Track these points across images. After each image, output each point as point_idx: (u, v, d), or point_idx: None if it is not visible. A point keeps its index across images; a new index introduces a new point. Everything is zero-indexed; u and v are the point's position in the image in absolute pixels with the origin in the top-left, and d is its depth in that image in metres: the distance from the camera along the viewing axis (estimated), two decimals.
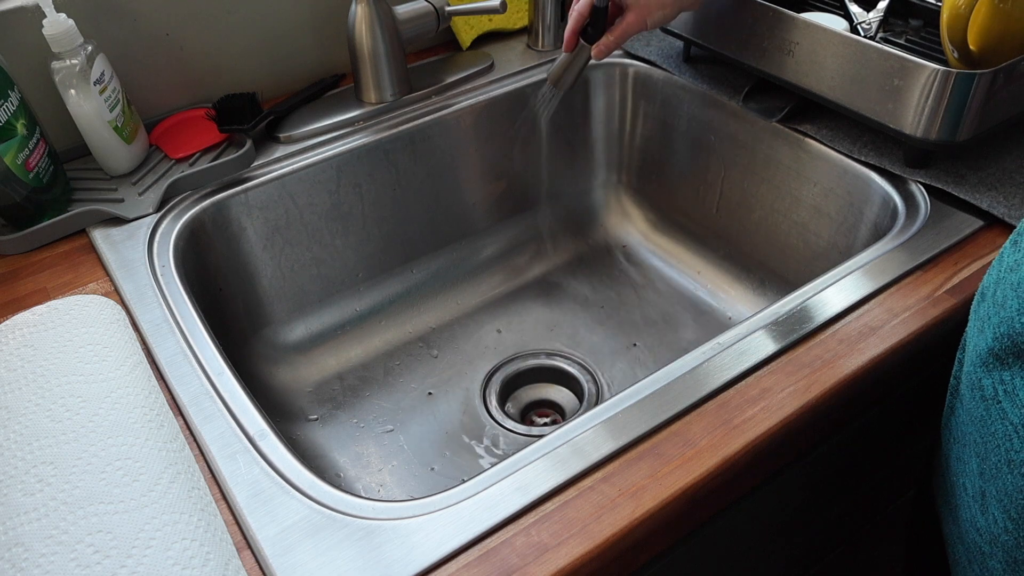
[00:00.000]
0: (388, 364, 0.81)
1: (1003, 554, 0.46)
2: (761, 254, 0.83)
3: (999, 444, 0.45)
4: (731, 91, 0.79)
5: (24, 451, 0.46)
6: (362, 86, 0.80)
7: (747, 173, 0.81)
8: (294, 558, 0.43)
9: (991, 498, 0.46)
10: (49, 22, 0.64)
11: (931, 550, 0.60)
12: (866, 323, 0.55)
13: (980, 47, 0.63)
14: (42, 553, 0.41)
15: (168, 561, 0.41)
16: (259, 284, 0.77)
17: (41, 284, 0.63)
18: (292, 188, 0.75)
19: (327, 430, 0.75)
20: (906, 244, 0.61)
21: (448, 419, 0.76)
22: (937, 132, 0.64)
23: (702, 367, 0.53)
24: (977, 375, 0.47)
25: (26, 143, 0.64)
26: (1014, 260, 0.45)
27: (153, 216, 0.68)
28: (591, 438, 0.49)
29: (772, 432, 0.49)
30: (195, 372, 0.54)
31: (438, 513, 0.45)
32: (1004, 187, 0.65)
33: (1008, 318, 0.43)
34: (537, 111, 0.84)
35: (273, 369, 0.78)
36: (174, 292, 0.61)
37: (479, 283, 0.89)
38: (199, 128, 0.76)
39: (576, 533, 0.44)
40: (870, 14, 0.77)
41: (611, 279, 0.90)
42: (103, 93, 0.67)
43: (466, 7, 0.81)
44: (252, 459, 0.49)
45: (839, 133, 0.73)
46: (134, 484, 0.44)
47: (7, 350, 0.53)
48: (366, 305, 0.84)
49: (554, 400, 0.81)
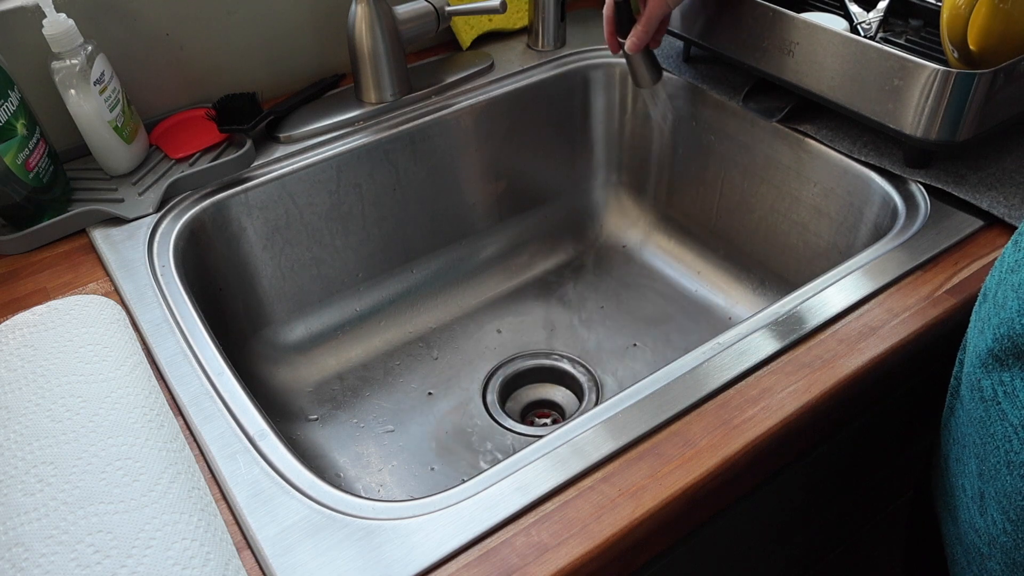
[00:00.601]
0: (388, 364, 0.81)
1: (1002, 555, 0.46)
2: (761, 254, 0.83)
3: (998, 445, 0.45)
4: (731, 91, 0.79)
5: (24, 451, 0.46)
6: (362, 86, 0.80)
7: (747, 173, 0.81)
8: (294, 558, 0.43)
9: (990, 499, 0.46)
10: (49, 22, 0.64)
11: (930, 551, 0.60)
12: (866, 323, 0.55)
13: (980, 47, 0.63)
14: (42, 553, 0.41)
15: (168, 561, 0.41)
16: (259, 284, 0.77)
17: (41, 284, 0.63)
18: (292, 188, 0.75)
19: (327, 430, 0.75)
20: (906, 244, 0.61)
21: (448, 419, 0.76)
22: (937, 132, 0.64)
23: (702, 367, 0.53)
24: (977, 376, 0.47)
25: (26, 143, 0.64)
26: (1015, 261, 0.45)
27: (153, 216, 0.68)
28: (591, 438, 0.49)
29: (772, 432, 0.49)
30: (195, 372, 0.54)
31: (438, 513, 0.45)
32: (1004, 187, 0.65)
33: (1008, 319, 0.43)
34: (658, 117, 0.84)
35: (273, 369, 0.78)
36: (174, 292, 0.61)
37: (479, 283, 0.89)
38: (199, 128, 0.76)
39: (576, 533, 0.44)
40: (870, 14, 0.77)
41: (611, 279, 0.90)
42: (103, 93, 0.67)
43: (466, 7, 0.81)
44: (252, 459, 0.49)
45: (839, 133, 0.73)
46: (134, 484, 0.44)
47: (7, 350, 0.53)
48: (366, 305, 0.84)
49: (554, 400, 0.81)
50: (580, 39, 0.90)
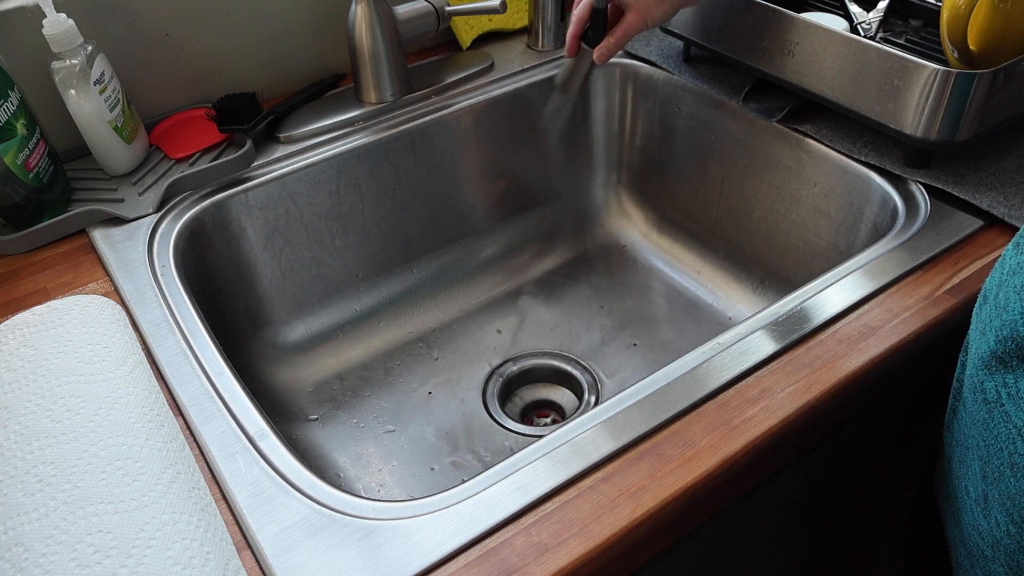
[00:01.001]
0: (388, 364, 0.81)
1: (1005, 557, 0.46)
2: (761, 254, 0.83)
3: (1002, 447, 0.45)
4: (731, 91, 0.79)
5: (24, 451, 0.46)
6: (362, 86, 0.80)
7: (747, 173, 0.81)
8: (294, 558, 0.43)
9: (993, 501, 0.46)
10: (49, 22, 0.64)
11: (932, 552, 0.60)
12: (866, 323, 0.55)
13: (980, 47, 0.63)
14: (42, 553, 0.41)
15: (168, 561, 0.41)
16: (259, 284, 0.77)
17: (41, 284, 0.63)
18: (292, 188, 0.75)
19: (327, 430, 0.75)
20: (906, 244, 0.61)
21: (448, 419, 0.76)
22: (937, 132, 0.64)
23: (702, 367, 0.53)
24: (979, 378, 0.47)
25: (26, 143, 0.64)
26: (1016, 263, 0.45)
27: (153, 216, 0.68)
28: (591, 438, 0.49)
29: (772, 432, 0.49)
30: (195, 372, 0.54)
31: (438, 513, 0.45)
32: (1004, 187, 0.65)
33: (1011, 321, 0.43)
34: (547, 119, 0.84)
35: (273, 369, 0.78)
36: (174, 292, 0.61)
37: (479, 283, 0.89)
38: (199, 128, 0.76)
39: (576, 533, 0.44)
40: (870, 14, 0.77)
41: (611, 279, 0.90)
42: (103, 93, 0.67)
43: (466, 7, 0.81)
44: (252, 459, 0.49)
45: (839, 133, 0.73)
46: (134, 484, 0.44)
47: (7, 350, 0.53)
48: (366, 305, 0.84)
49: (554, 400, 0.81)
50: None
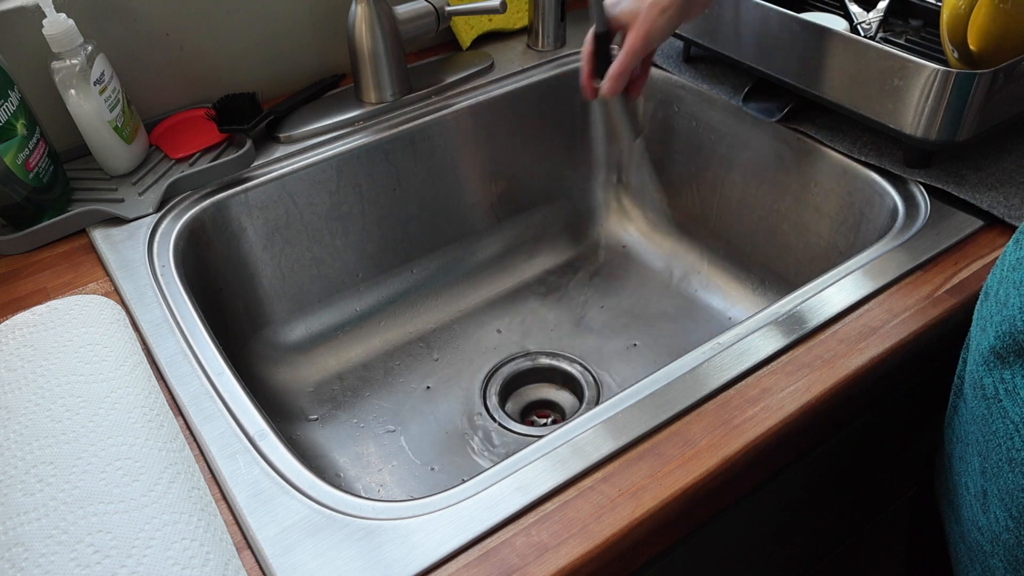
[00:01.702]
0: (388, 364, 0.81)
1: (1004, 553, 0.46)
2: (761, 254, 0.83)
3: (1000, 443, 0.45)
4: (731, 91, 0.79)
5: (24, 451, 0.46)
6: (362, 86, 0.80)
7: (747, 173, 0.81)
8: (294, 558, 0.43)
9: (993, 497, 0.46)
10: (49, 22, 0.64)
11: (932, 549, 0.60)
12: (866, 323, 0.55)
13: (980, 47, 0.63)
14: (42, 553, 0.41)
15: (168, 561, 0.41)
16: (259, 284, 0.77)
17: (41, 284, 0.63)
18: (292, 188, 0.75)
19: (327, 430, 0.75)
20: (906, 244, 0.61)
21: (448, 419, 0.76)
22: (937, 132, 0.64)
23: (702, 367, 0.53)
24: (979, 374, 0.47)
25: (26, 143, 0.64)
26: (1016, 259, 0.45)
27: (153, 216, 0.68)
28: (591, 438, 0.49)
29: (772, 432, 0.49)
30: (195, 372, 0.54)
31: (438, 513, 0.45)
32: (1004, 187, 0.65)
33: (1010, 317, 0.43)
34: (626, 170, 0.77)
35: (273, 369, 0.78)
36: (174, 292, 0.61)
37: (479, 283, 0.89)
38: (199, 128, 0.76)
39: (576, 533, 0.44)
40: (870, 14, 0.77)
41: (611, 279, 0.90)
42: (103, 93, 0.67)
43: (466, 7, 0.81)
44: (252, 459, 0.49)
45: (839, 133, 0.73)
46: (134, 484, 0.44)
47: (7, 350, 0.53)
48: (366, 305, 0.84)
49: (554, 400, 0.81)
50: (580, 39, 0.89)
